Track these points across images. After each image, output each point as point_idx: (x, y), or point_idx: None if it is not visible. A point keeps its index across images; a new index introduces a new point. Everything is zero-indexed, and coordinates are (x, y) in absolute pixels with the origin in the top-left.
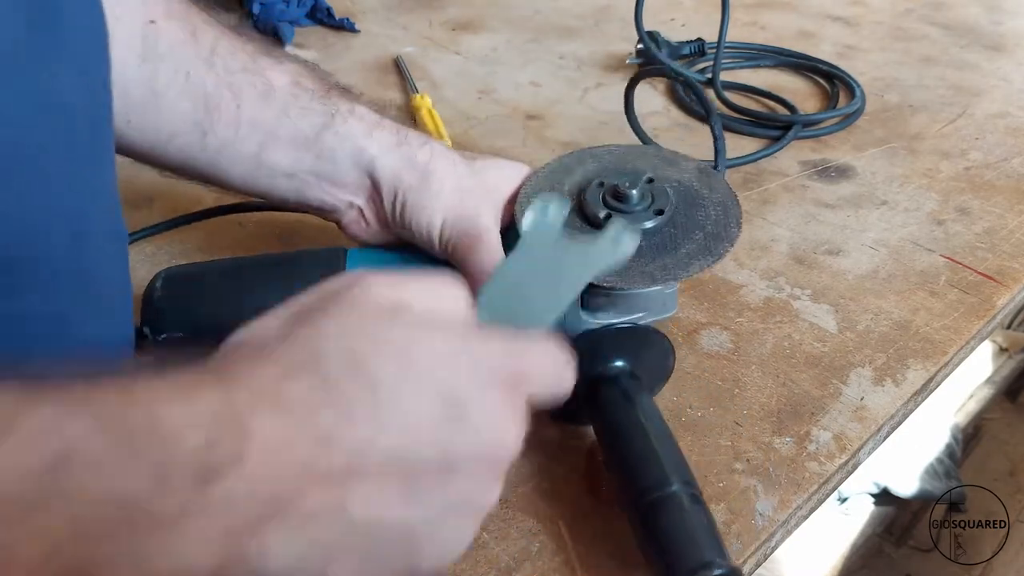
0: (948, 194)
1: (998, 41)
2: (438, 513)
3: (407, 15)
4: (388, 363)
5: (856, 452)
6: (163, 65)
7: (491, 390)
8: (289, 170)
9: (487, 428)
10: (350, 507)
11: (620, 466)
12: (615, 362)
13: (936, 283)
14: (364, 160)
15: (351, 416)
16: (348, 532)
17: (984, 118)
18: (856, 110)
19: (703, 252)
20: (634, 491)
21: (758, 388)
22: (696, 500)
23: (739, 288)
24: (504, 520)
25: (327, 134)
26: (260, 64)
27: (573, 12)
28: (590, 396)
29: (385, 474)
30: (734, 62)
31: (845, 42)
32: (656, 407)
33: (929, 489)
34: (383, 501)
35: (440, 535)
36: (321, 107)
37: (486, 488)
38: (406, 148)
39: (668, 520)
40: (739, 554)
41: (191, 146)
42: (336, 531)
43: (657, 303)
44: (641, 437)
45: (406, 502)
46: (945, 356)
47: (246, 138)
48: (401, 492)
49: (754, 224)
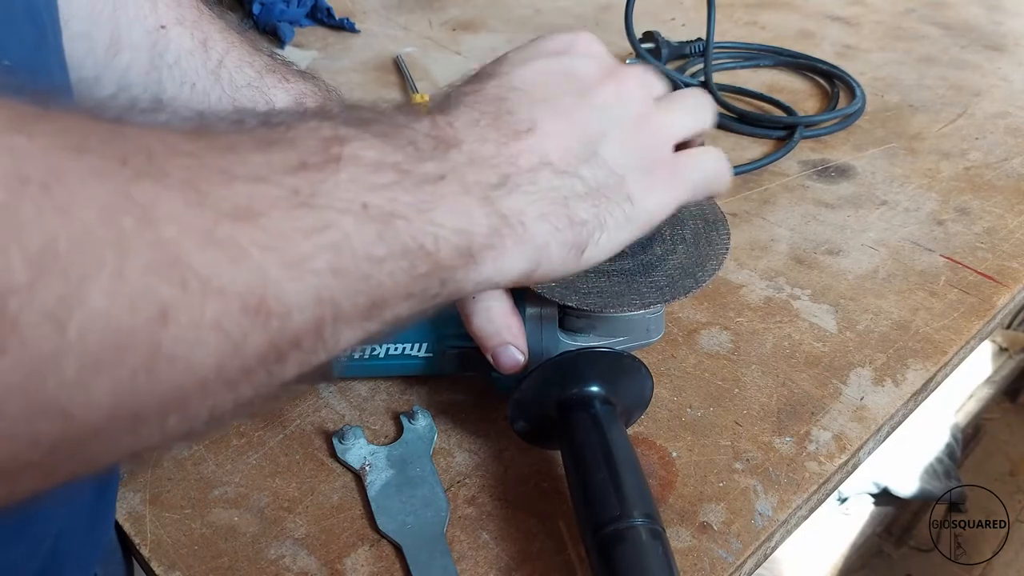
0: (948, 194)
1: (998, 41)
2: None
3: (407, 15)
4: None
5: (856, 452)
6: (170, 74)
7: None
8: None
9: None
10: (552, 159)
11: (582, 494)
12: (588, 386)
13: (936, 283)
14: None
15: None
16: (554, 182)
17: (984, 118)
18: (856, 110)
19: (687, 275)
20: (593, 521)
21: (758, 388)
22: (656, 536)
23: (739, 288)
24: (504, 520)
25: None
26: (266, 82)
27: (573, 12)
28: (560, 419)
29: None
30: (734, 62)
31: (845, 42)
32: (627, 437)
33: (929, 489)
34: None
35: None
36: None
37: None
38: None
39: (624, 554)
40: (739, 554)
41: None
42: (546, 183)
43: (640, 327)
44: (606, 465)
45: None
46: (945, 356)
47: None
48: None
49: (754, 224)
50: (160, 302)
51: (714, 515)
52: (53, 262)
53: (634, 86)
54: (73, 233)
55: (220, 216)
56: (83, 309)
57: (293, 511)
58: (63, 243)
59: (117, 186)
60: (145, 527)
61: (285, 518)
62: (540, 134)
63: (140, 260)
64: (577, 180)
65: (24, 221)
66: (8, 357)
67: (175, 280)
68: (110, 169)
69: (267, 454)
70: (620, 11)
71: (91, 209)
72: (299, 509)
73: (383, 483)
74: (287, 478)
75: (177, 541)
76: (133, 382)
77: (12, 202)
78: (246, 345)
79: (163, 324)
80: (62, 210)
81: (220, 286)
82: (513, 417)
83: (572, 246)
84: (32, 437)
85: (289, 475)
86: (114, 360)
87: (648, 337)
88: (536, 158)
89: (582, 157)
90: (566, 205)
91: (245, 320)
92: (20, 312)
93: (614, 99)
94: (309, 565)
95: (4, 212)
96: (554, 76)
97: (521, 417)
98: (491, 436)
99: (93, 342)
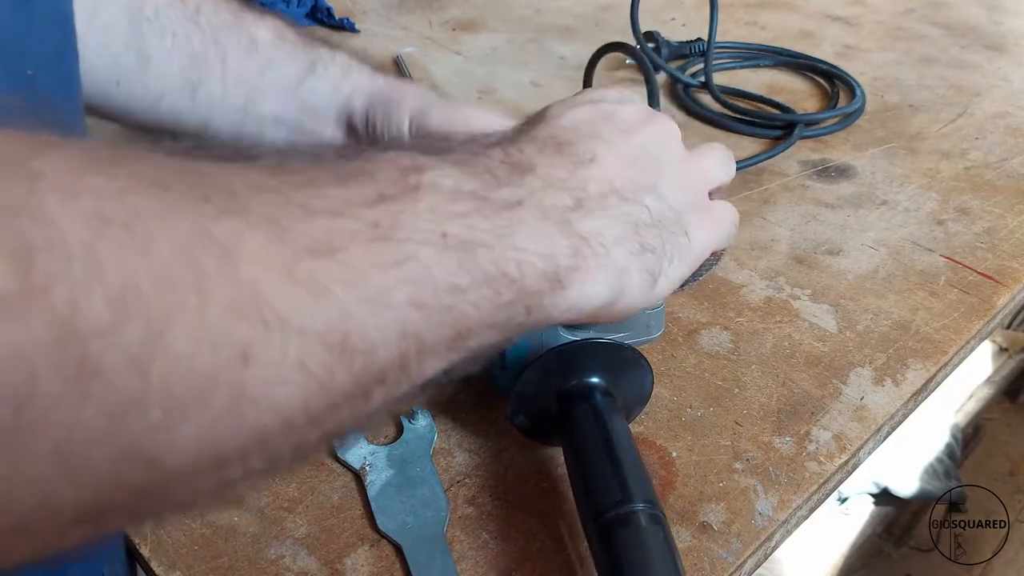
0: (948, 194)
1: (998, 41)
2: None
3: (407, 15)
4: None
5: (856, 452)
6: (151, 26)
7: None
8: (276, 118)
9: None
10: (617, 186)
11: (583, 482)
12: (589, 377)
13: (936, 283)
14: (341, 98)
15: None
16: (622, 208)
17: (984, 118)
18: (856, 110)
19: None
20: (594, 508)
21: (758, 388)
22: (657, 521)
23: (739, 288)
24: (504, 520)
25: (310, 79)
26: (244, 20)
27: (574, 12)
28: (560, 411)
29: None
30: (734, 62)
31: (845, 42)
32: (627, 428)
33: (929, 489)
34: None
35: None
36: (304, 56)
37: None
38: (379, 79)
39: (624, 539)
40: (739, 554)
41: (181, 104)
42: (616, 209)
43: (640, 323)
44: (606, 454)
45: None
46: (945, 356)
47: (233, 92)
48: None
49: (754, 224)
50: (241, 343)
51: (714, 515)
52: (135, 303)
53: (670, 132)
54: (154, 273)
55: (300, 252)
56: (165, 351)
57: (293, 511)
58: (144, 283)
59: (197, 224)
60: (145, 527)
61: (285, 518)
62: (602, 164)
63: (220, 300)
64: (643, 209)
65: (105, 261)
66: (92, 402)
67: (256, 319)
68: (191, 207)
69: None
70: (620, 11)
71: (171, 248)
72: (299, 509)
73: (383, 483)
74: (287, 478)
75: (177, 541)
76: (216, 425)
77: (94, 242)
78: (332, 384)
79: (245, 365)
80: (143, 250)
81: (301, 324)
82: (514, 411)
83: (648, 273)
84: (118, 483)
85: (289, 475)
86: (197, 403)
87: (649, 333)
88: (604, 185)
89: (644, 188)
90: (637, 231)
91: (329, 358)
92: (103, 355)
93: (658, 140)
94: (309, 565)
95: (87, 253)
96: (599, 117)
97: (522, 411)
98: (491, 436)
99: (176, 385)
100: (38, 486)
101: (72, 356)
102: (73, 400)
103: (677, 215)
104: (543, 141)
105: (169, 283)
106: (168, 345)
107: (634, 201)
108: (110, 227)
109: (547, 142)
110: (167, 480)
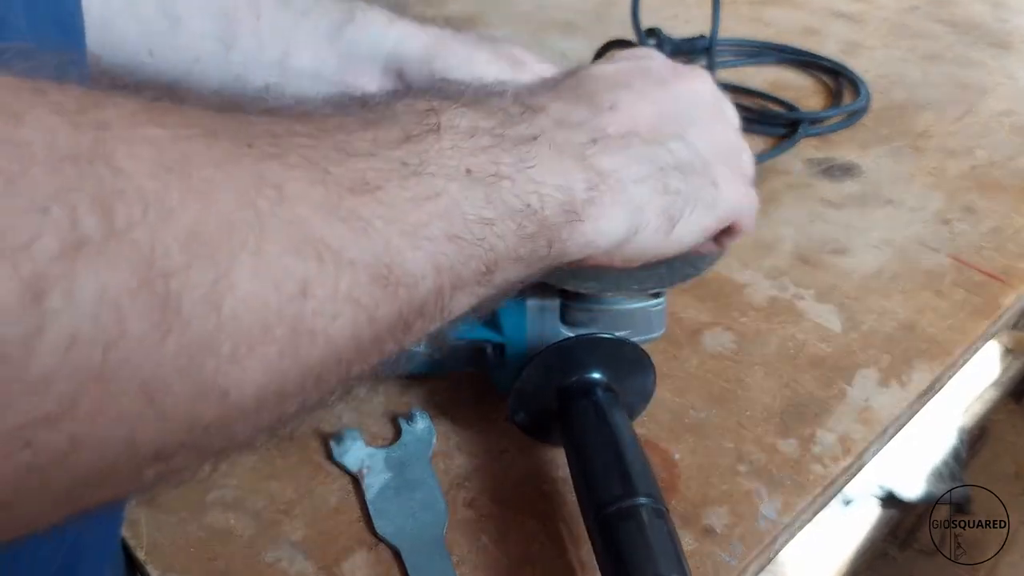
0: (954, 193)
1: (1004, 39)
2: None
3: (406, 12)
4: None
5: (861, 454)
6: None
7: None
8: (313, 71)
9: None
10: (640, 130)
11: (584, 477)
12: (590, 373)
13: (942, 283)
14: (387, 46)
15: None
16: (644, 150)
17: (990, 116)
18: (861, 107)
19: (687, 263)
20: (596, 503)
21: (762, 389)
22: (659, 514)
23: (743, 288)
24: (504, 523)
25: (348, 28)
26: None
27: (575, 8)
28: (561, 407)
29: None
30: (737, 59)
31: (850, 39)
32: (630, 424)
33: (935, 492)
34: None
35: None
36: (340, 5)
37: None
38: (431, 27)
39: (626, 532)
40: (742, 557)
41: (216, 64)
42: (637, 149)
43: (642, 321)
44: (608, 448)
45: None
46: (951, 357)
47: (268, 46)
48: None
49: (758, 223)
50: (300, 278)
51: (717, 518)
52: (202, 246)
53: (705, 86)
54: (216, 217)
55: (341, 191)
56: (233, 288)
57: (290, 514)
58: (209, 227)
59: (248, 169)
60: (141, 530)
61: (282, 521)
62: (624, 110)
63: (278, 238)
64: (667, 152)
65: (174, 208)
66: (173, 339)
67: (311, 255)
68: (240, 153)
69: (264, 457)
70: (622, 7)
71: (229, 193)
72: (296, 512)
73: (381, 486)
74: (284, 481)
75: (173, 544)
76: (281, 358)
77: (161, 191)
78: (378, 315)
79: (304, 299)
80: (203, 195)
81: (351, 258)
82: (514, 409)
83: (666, 215)
84: (192, 418)
85: (286, 478)
86: (263, 337)
87: (650, 332)
88: (624, 127)
89: (670, 133)
90: (661, 172)
91: (376, 290)
92: (182, 294)
93: (691, 92)
94: (306, 569)
95: (156, 201)
96: (630, 69)
97: (522, 408)
98: (490, 438)
99: (244, 321)
100: (125, 423)
101: (155, 296)
102: (156, 338)
103: (705, 164)
104: (560, 90)
105: (230, 225)
106: (235, 282)
107: (658, 144)
108: (172, 175)
109: (565, 91)
110: (235, 415)
